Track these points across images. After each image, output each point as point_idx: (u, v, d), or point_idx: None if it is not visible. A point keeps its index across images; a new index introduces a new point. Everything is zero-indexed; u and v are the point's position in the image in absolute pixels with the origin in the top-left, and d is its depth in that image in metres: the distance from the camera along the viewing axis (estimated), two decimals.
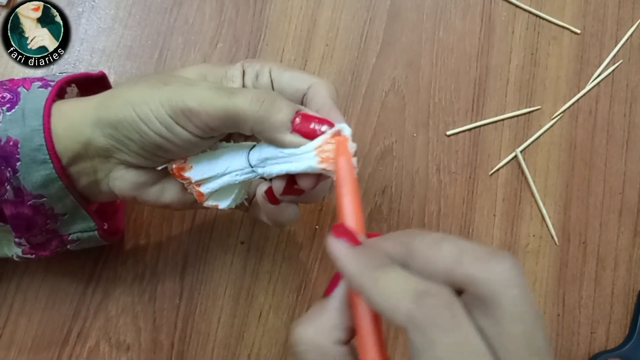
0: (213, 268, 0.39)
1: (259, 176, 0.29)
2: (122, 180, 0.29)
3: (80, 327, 0.37)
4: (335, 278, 0.23)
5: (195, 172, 0.29)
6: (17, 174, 0.27)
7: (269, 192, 0.29)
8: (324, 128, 0.26)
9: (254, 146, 0.29)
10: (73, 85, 0.33)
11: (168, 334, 0.37)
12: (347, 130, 0.26)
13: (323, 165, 0.26)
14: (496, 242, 0.41)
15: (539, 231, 0.41)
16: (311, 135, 0.26)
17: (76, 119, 0.28)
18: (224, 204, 0.30)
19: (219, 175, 0.29)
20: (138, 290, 0.38)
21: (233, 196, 0.30)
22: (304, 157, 0.26)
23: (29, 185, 0.28)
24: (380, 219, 0.40)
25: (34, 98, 0.28)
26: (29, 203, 0.28)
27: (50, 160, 0.27)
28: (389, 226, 0.40)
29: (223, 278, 0.39)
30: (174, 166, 0.29)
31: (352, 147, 0.26)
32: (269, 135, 0.26)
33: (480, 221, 0.41)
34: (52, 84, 0.29)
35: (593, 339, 0.40)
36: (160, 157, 0.28)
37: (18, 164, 0.27)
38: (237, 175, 0.29)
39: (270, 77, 0.29)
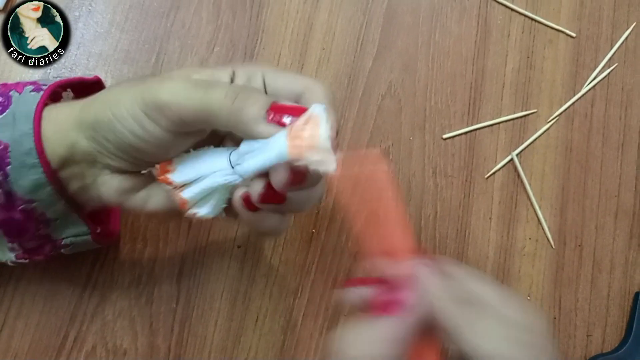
0: (210, 272, 0.39)
1: (240, 179, 0.27)
2: (108, 186, 0.29)
3: (77, 331, 0.37)
4: (397, 291, 0.22)
5: (178, 174, 0.28)
6: (8, 178, 0.27)
7: (246, 198, 0.27)
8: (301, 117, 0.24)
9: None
10: (69, 90, 0.33)
11: (165, 337, 0.37)
12: (318, 109, 0.24)
13: (294, 155, 0.23)
14: (492, 245, 0.41)
15: (535, 234, 0.42)
16: (285, 125, 0.24)
17: (63, 122, 0.28)
18: (203, 212, 0.28)
19: (201, 178, 0.27)
20: (135, 294, 0.38)
21: (213, 202, 0.28)
22: (274, 146, 0.24)
23: (20, 190, 0.27)
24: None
25: (26, 102, 0.28)
26: (19, 208, 0.28)
27: (39, 165, 0.27)
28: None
29: (220, 282, 0.39)
30: (158, 167, 0.28)
31: (325, 128, 0.23)
32: (244, 128, 0.25)
33: (477, 224, 0.41)
34: (44, 87, 0.29)
35: (589, 342, 0.40)
36: (139, 159, 0.28)
37: (8, 167, 0.27)
38: (217, 177, 0.27)
39: (264, 81, 0.28)
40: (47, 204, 0.28)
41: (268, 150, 0.24)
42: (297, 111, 0.24)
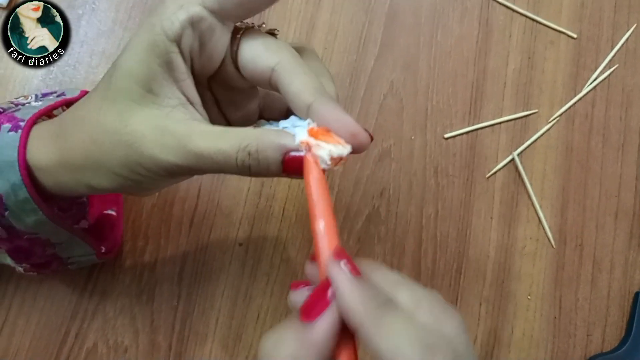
0: (211, 270, 0.39)
1: None
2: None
3: (78, 328, 0.37)
4: (318, 295, 0.21)
5: None
6: (7, 218, 0.27)
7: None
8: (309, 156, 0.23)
9: None
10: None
11: (166, 335, 0.37)
12: (301, 131, 0.23)
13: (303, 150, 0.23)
14: (493, 245, 0.41)
15: (536, 234, 0.42)
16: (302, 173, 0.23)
17: (45, 163, 0.26)
18: None
19: None
20: (136, 292, 0.38)
21: None
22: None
23: (22, 227, 0.27)
24: (378, 221, 0.41)
25: (5, 146, 0.26)
26: (24, 237, 0.28)
27: (38, 209, 0.26)
28: (386, 228, 0.40)
29: (221, 279, 0.39)
30: None
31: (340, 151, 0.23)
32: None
33: (478, 224, 0.41)
34: (22, 124, 0.26)
35: (589, 341, 0.40)
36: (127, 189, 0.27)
37: (6, 212, 0.26)
38: None
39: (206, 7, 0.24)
40: (51, 233, 0.28)
41: None
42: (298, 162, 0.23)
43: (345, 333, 0.21)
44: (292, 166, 0.23)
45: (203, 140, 0.23)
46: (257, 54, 0.25)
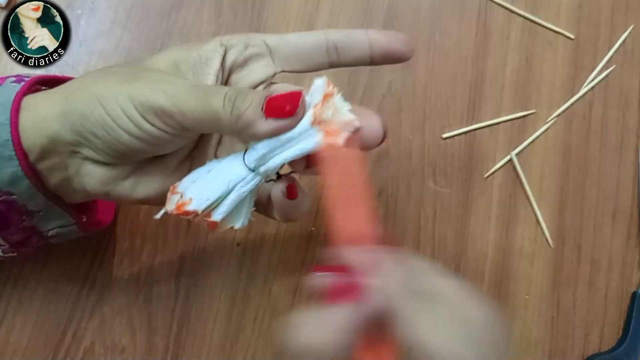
0: (209, 270, 0.39)
1: (263, 179, 0.26)
2: (92, 176, 0.27)
3: (76, 328, 0.37)
4: (351, 280, 0.21)
5: (198, 202, 0.26)
6: None
7: (290, 187, 0.27)
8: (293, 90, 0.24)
9: (246, 150, 0.26)
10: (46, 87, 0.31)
11: (163, 335, 0.37)
12: (321, 82, 0.24)
13: (330, 139, 0.24)
14: (491, 245, 0.41)
15: (534, 234, 0.42)
16: (288, 114, 0.24)
17: (43, 111, 0.26)
18: (238, 224, 0.27)
19: (224, 194, 0.26)
20: (133, 292, 0.38)
21: (244, 210, 0.27)
22: (305, 138, 0.24)
23: None
24: (376, 221, 0.41)
25: (4, 93, 0.26)
26: (0, 199, 0.27)
27: (15, 157, 0.26)
28: (385, 229, 0.41)
29: (219, 280, 0.39)
30: (173, 207, 0.26)
31: (342, 103, 0.24)
32: (247, 132, 0.24)
33: (476, 224, 0.41)
34: (26, 79, 0.28)
35: (587, 341, 0.40)
36: (126, 155, 0.27)
37: None
38: (242, 187, 0.26)
39: (267, 44, 0.27)
40: (27, 197, 0.27)
41: (299, 143, 0.24)
42: (294, 97, 0.24)
43: (382, 326, 0.21)
44: (273, 105, 0.24)
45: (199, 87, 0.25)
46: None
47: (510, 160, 0.43)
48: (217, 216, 0.26)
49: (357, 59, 0.29)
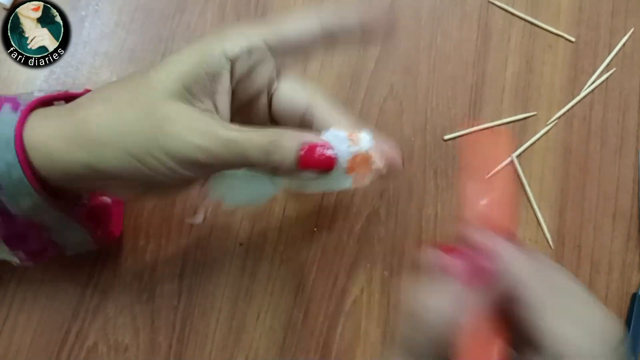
0: (212, 269, 0.39)
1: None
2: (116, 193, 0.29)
3: (79, 327, 0.37)
4: (483, 263, 0.21)
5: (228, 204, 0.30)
6: (2, 202, 0.26)
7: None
8: (328, 152, 0.25)
9: None
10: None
11: (166, 334, 0.38)
12: (366, 141, 0.26)
13: (357, 184, 0.27)
14: None
15: (535, 235, 0.42)
16: (323, 165, 0.25)
17: (52, 143, 0.25)
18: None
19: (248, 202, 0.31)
20: (136, 291, 0.38)
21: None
22: (336, 178, 0.27)
23: (18, 211, 0.27)
24: (377, 222, 0.41)
25: (3, 124, 0.26)
26: (19, 222, 0.28)
27: (34, 191, 0.26)
28: (386, 229, 0.41)
29: (221, 279, 0.39)
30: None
31: (377, 157, 0.27)
32: (281, 174, 0.26)
33: None
34: (22, 106, 0.26)
35: None
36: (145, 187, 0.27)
37: (1, 192, 0.26)
38: (263, 197, 0.30)
39: (267, 44, 0.27)
40: (47, 216, 0.28)
41: (330, 181, 0.27)
42: (328, 164, 0.25)
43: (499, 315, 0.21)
44: (308, 158, 0.25)
45: (234, 129, 0.25)
46: (295, 90, 0.29)
47: (511, 161, 0.43)
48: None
49: (349, 43, 0.30)
